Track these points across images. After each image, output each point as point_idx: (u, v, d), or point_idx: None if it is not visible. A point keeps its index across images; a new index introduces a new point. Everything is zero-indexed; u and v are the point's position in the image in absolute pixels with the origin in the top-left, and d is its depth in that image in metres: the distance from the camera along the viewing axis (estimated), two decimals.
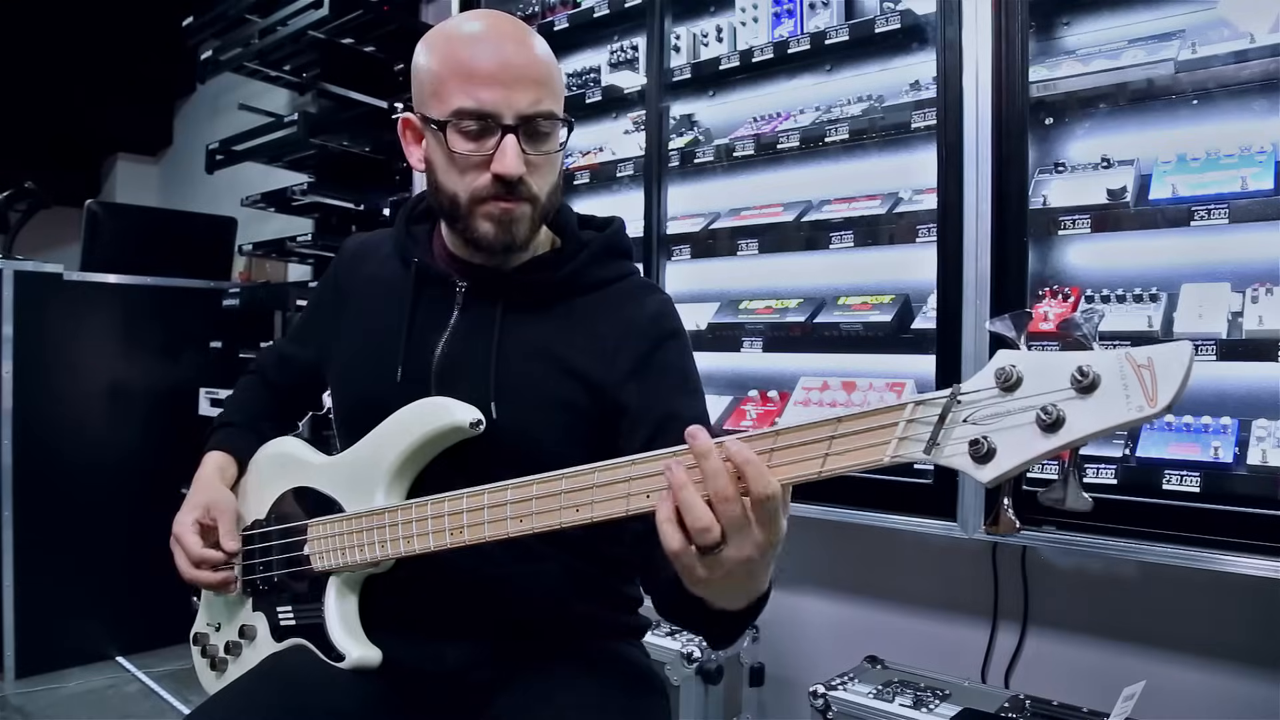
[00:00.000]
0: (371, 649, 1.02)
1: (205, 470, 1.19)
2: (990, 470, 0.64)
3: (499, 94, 0.95)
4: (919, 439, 0.67)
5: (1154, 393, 0.59)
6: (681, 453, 0.76)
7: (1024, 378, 0.64)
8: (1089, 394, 0.61)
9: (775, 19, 2.13)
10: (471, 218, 1.00)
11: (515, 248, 1.02)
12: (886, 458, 0.69)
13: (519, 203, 0.99)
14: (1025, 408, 0.63)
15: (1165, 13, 1.69)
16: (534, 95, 0.97)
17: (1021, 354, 0.65)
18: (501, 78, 0.96)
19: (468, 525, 0.91)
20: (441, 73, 0.98)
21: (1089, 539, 1.53)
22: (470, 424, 0.97)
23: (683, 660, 1.90)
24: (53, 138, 5.30)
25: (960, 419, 0.66)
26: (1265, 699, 1.58)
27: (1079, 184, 1.67)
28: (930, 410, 0.67)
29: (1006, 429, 0.64)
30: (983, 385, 0.66)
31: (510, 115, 0.96)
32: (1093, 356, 0.62)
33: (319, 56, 3.24)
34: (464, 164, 0.98)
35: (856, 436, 0.70)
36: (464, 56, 0.97)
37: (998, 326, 0.67)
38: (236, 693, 1.03)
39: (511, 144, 0.96)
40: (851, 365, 2.01)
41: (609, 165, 2.36)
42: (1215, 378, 1.59)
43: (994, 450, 0.64)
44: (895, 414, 0.69)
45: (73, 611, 2.98)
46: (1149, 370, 0.59)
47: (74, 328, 3.00)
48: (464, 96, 0.96)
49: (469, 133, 0.97)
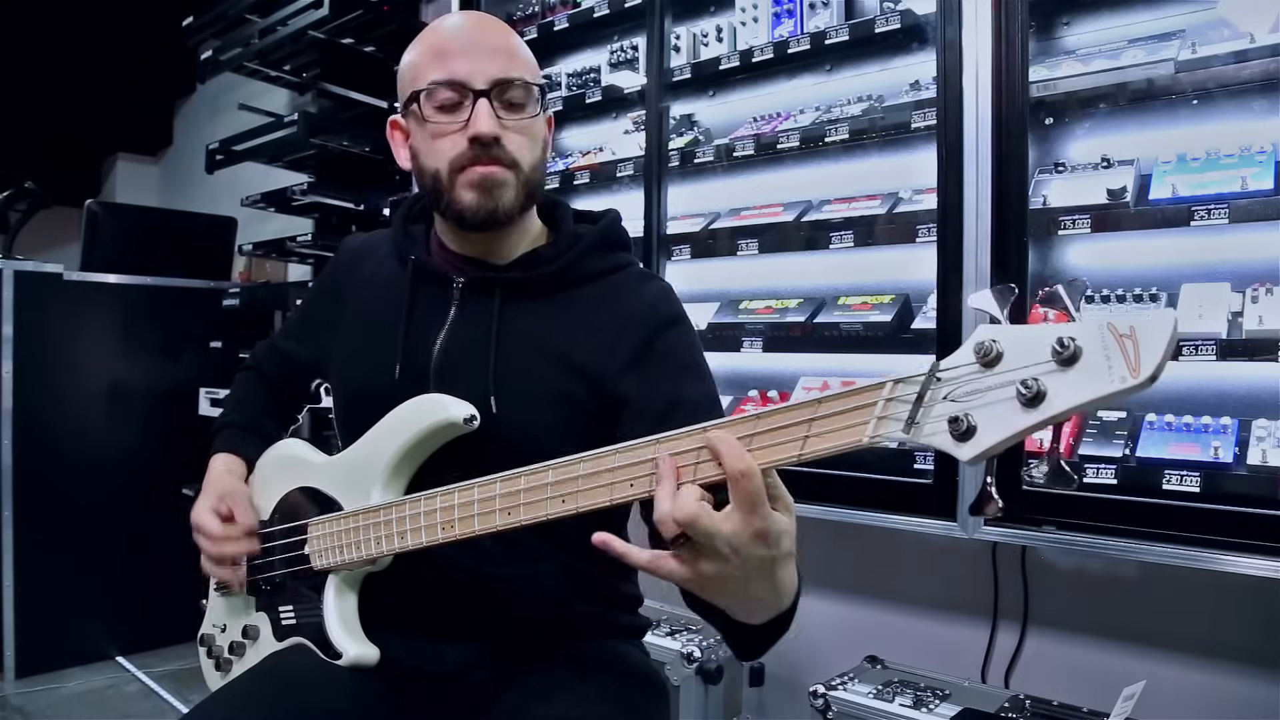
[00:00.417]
0: (369, 647, 1.02)
1: (215, 469, 1.21)
2: (971, 448, 0.62)
3: (468, 63, 1.00)
4: (898, 418, 0.66)
5: (1137, 362, 0.57)
6: (665, 439, 0.76)
7: (1004, 352, 0.62)
8: (1070, 366, 0.59)
9: (775, 19, 2.13)
10: (454, 189, 1.01)
11: (500, 217, 1.02)
12: (865, 438, 0.67)
13: (499, 166, 1.00)
14: (1005, 383, 0.61)
15: (1165, 13, 1.69)
16: (503, 63, 1.01)
17: (1002, 328, 0.63)
18: (470, 50, 1.01)
19: (458, 519, 0.91)
20: (417, 61, 1.04)
21: (1089, 539, 1.53)
22: (464, 420, 0.97)
23: (683, 660, 1.90)
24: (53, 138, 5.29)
25: (940, 396, 0.64)
26: (1265, 699, 1.58)
27: (1079, 184, 1.67)
28: (909, 389, 0.66)
29: (987, 405, 0.62)
30: (962, 361, 0.64)
31: (481, 80, 1.00)
32: (1074, 328, 0.59)
33: (319, 56, 3.23)
34: (440, 133, 1.01)
35: (836, 418, 0.69)
36: (435, 41, 1.03)
37: (979, 302, 0.65)
38: (235, 691, 1.03)
39: (484, 106, 0.99)
40: (851, 365, 2.01)
41: (609, 165, 2.36)
42: (1215, 378, 1.59)
43: (974, 428, 0.62)
44: (874, 393, 0.67)
45: (73, 611, 2.98)
46: (1132, 340, 0.57)
47: (74, 328, 3.00)
48: (436, 71, 1.01)
49: (444, 105, 1.00)
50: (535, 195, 1.06)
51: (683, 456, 0.75)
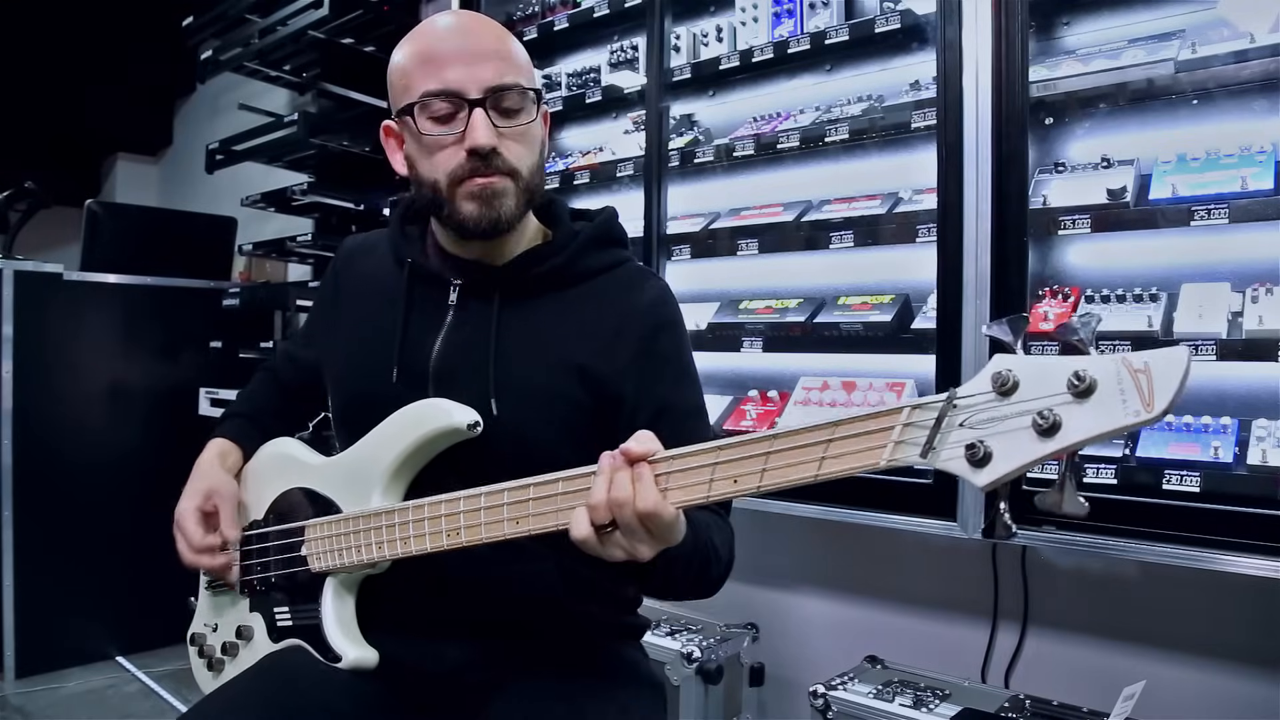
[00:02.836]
0: (368, 650, 1.02)
1: (206, 456, 1.19)
2: (986, 475, 0.64)
3: (461, 71, 0.97)
4: (915, 443, 0.68)
5: (1150, 398, 0.59)
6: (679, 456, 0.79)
7: (1020, 382, 0.64)
8: (1085, 398, 0.61)
9: (775, 19, 2.13)
10: (454, 201, 1.00)
11: (502, 226, 1.01)
12: (883, 461, 0.69)
13: (498, 176, 0.99)
14: (1021, 412, 0.63)
15: (1165, 13, 1.69)
16: (497, 68, 0.98)
17: (1018, 358, 0.65)
18: (462, 56, 0.98)
19: (465, 527, 0.91)
20: (408, 66, 1.01)
21: (1089, 539, 1.53)
22: (468, 426, 0.97)
23: (683, 660, 1.90)
24: (53, 138, 5.29)
25: (956, 423, 0.66)
26: (1265, 699, 1.58)
27: (1079, 184, 1.67)
28: (926, 414, 0.67)
29: (1003, 433, 0.64)
30: (979, 390, 0.66)
31: (475, 89, 0.97)
32: (1089, 361, 0.61)
33: (319, 56, 3.24)
34: (437, 146, 0.99)
35: (852, 440, 0.71)
36: (425, 46, 1.00)
37: (995, 331, 0.67)
38: (233, 691, 1.03)
39: (480, 116, 0.97)
40: (851, 365, 2.01)
41: (609, 165, 2.36)
42: (1215, 378, 1.58)
43: (990, 454, 0.64)
44: (891, 418, 0.69)
45: (73, 611, 2.98)
46: (1146, 375, 0.59)
47: (74, 328, 3.00)
48: (429, 80, 0.98)
49: (439, 116, 0.98)
50: (535, 198, 1.06)
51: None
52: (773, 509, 1.89)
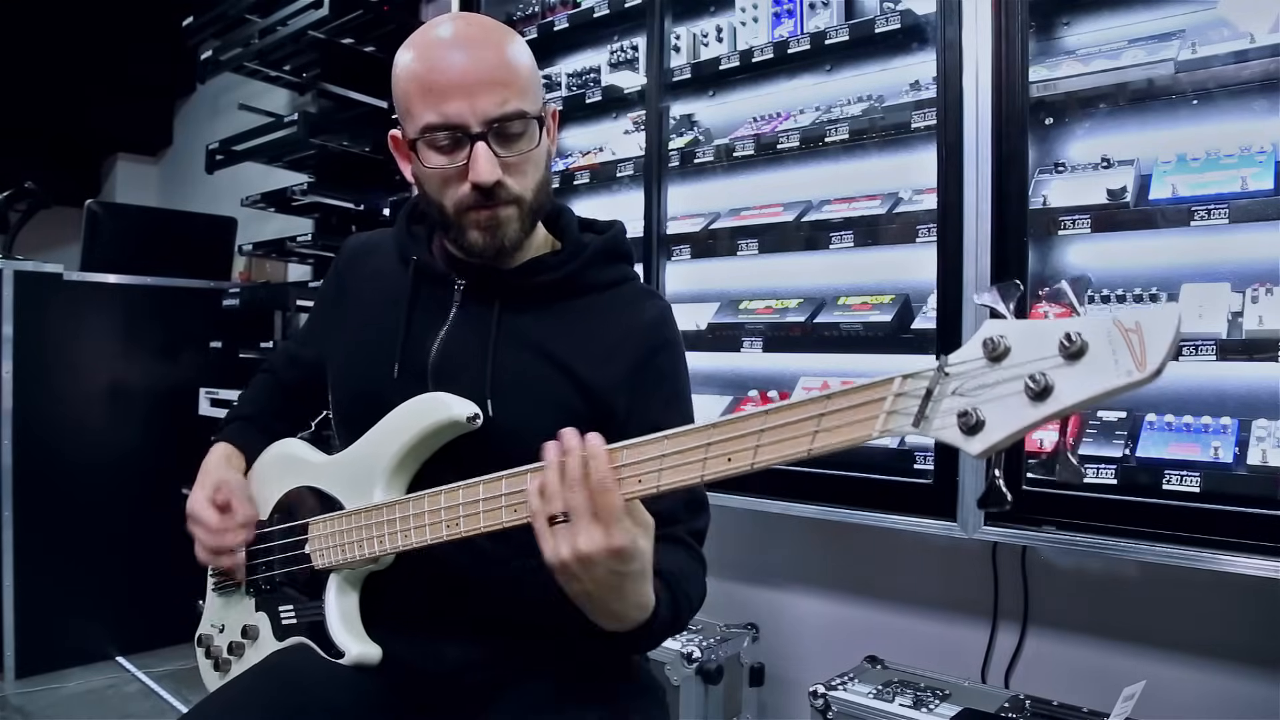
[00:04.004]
0: (371, 646, 1.02)
1: (212, 458, 1.20)
2: (979, 442, 0.63)
3: (462, 103, 0.95)
4: (907, 412, 0.66)
5: (1143, 357, 0.57)
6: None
7: (1011, 347, 0.63)
8: (1077, 360, 0.60)
9: (775, 19, 2.13)
10: (460, 228, 1.01)
11: (507, 251, 1.03)
12: (875, 432, 0.68)
13: (502, 207, 0.99)
14: (1013, 377, 0.62)
15: (1165, 13, 1.69)
16: (498, 97, 0.96)
17: (1009, 323, 0.64)
18: (463, 86, 0.95)
19: (464, 516, 0.91)
20: (409, 89, 0.98)
21: (1089, 539, 1.53)
22: (468, 419, 0.98)
23: (683, 660, 1.90)
24: (53, 138, 5.29)
25: (948, 391, 0.65)
26: (1265, 699, 1.58)
27: (1079, 184, 1.67)
28: (918, 384, 0.66)
29: (995, 399, 0.63)
30: (970, 356, 0.64)
31: (477, 123, 0.95)
32: (1080, 323, 0.60)
33: (319, 56, 3.24)
34: (442, 177, 0.99)
35: (845, 413, 0.70)
36: (424, 70, 0.97)
37: (985, 299, 0.66)
38: (235, 690, 1.03)
39: (483, 151, 0.95)
40: (851, 365, 2.01)
41: (609, 165, 2.36)
42: (1215, 378, 1.59)
43: (983, 421, 0.63)
44: (883, 389, 0.68)
45: (73, 611, 2.98)
46: (1137, 334, 0.58)
47: (74, 328, 3.00)
48: (429, 112, 0.96)
49: (441, 147, 0.97)
50: (540, 214, 1.06)
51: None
52: (772, 509, 1.89)
